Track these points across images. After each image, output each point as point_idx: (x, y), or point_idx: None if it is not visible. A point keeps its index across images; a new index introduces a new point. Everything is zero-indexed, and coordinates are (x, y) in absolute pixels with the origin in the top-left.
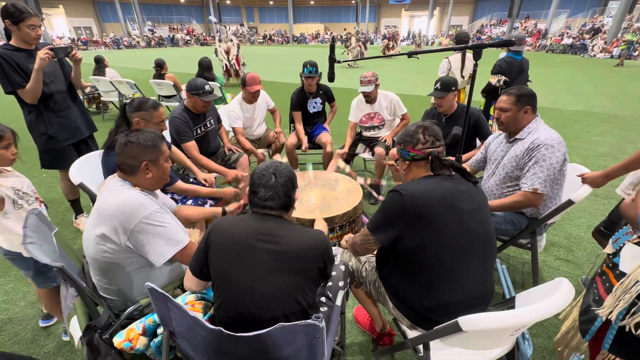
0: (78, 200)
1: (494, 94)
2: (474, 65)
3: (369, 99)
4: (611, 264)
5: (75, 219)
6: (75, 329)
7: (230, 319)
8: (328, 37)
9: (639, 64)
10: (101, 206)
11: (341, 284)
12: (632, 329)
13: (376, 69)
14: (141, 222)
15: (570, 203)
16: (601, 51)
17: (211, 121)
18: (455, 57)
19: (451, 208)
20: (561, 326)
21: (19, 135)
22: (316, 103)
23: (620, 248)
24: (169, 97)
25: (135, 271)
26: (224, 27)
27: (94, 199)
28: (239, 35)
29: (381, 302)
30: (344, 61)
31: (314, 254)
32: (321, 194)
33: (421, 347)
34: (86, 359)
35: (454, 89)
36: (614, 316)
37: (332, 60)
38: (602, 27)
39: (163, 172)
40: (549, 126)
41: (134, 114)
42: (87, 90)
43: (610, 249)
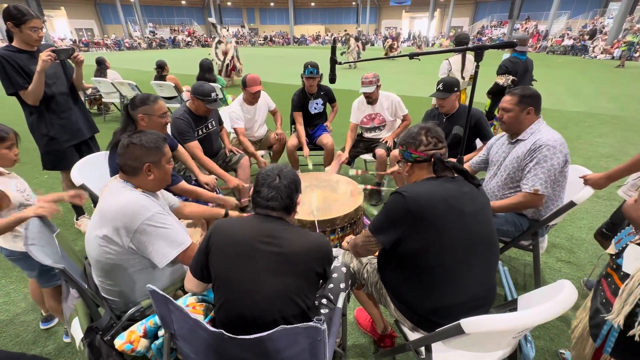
0: None
1: (501, 94)
2: (476, 67)
3: (370, 100)
4: (615, 266)
5: (77, 220)
6: (77, 330)
7: (231, 321)
8: (329, 38)
9: (639, 65)
10: (103, 208)
11: (342, 285)
12: (638, 338)
13: (377, 70)
14: (144, 223)
15: (572, 204)
16: (602, 52)
17: (213, 122)
18: (455, 59)
19: (453, 210)
20: (574, 332)
21: (20, 137)
22: (317, 104)
23: (623, 249)
24: (170, 98)
25: (137, 272)
26: (224, 28)
27: (95, 200)
28: (239, 37)
29: (382, 304)
30: (344, 62)
31: (315, 257)
32: (322, 195)
33: (423, 349)
34: None
35: (456, 89)
36: (621, 320)
37: (333, 62)
38: (603, 28)
39: (165, 174)
40: (551, 127)
41: (137, 110)
42: (89, 91)
43: (613, 249)
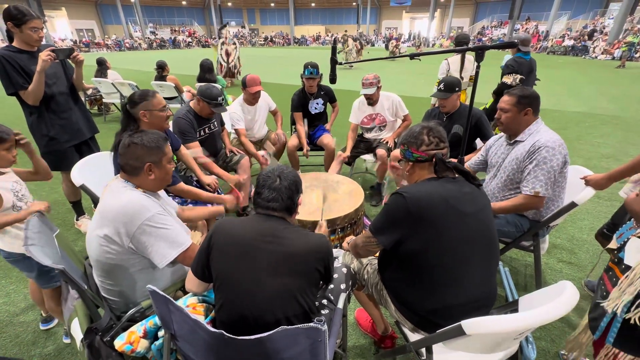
0: (79, 201)
1: None
2: (477, 67)
3: (370, 101)
4: (616, 259)
5: (77, 220)
6: (77, 331)
7: (231, 321)
8: (329, 38)
9: None
10: (104, 208)
11: (343, 286)
12: (637, 322)
13: (377, 70)
14: (144, 224)
15: (573, 205)
16: (602, 53)
17: (215, 123)
18: (454, 59)
19: (454, 211)
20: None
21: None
22: (317, 104)
23: (625, 243)
24: (170, 98)
25: (137, 272)
26: (229, 29)
27: (95, 200)
28: (239, 37)
29: (383, 304)
30: (345, 63)
31: (316, 256)
32: (323, 195)
33: (424, 350)
34: None
35: (457, 89)
36: (619, 309)
37: (334, 62)
38: (603, 28)
39: (166, 174)
40: (549, 128)
41: (137, 108)
42: (89, 92)
43: (614, 244)
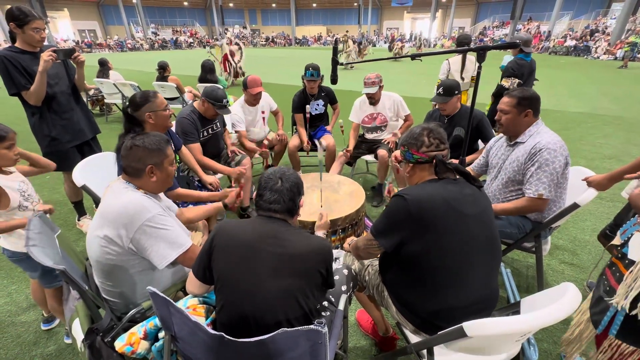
0: (81, 202)
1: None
2: (478, 68)
3: (372, 100)
4: (620, 255)
5: (78, 220)
6: (78, 331)
7: (232, 322)
8: (330, 39)
9: None
10: (105, 209)
11: (344, 288)
12: None
13: (379, 71)
14: (144, 224)
15: (575, 206)
16: (605, 53)
17: (217, 124)
18: (455, 59)
19: (455, 212)
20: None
21: (18, 136)
22: (318, 105)
23: (629, 239)
24: (171, 99)
25: (138, 273)
26: (228, 30)
27: (97, 200)
28: (241, 38)
29: (384, 306)
30: (346, 63)
31: (317, 258)
32: (324, 196)
33: (425, 351)
34: None
35: (456, 92)
36: (627, 304)
37: (335, 63)
38: (606, 28)
39: (167, 176)
40: (550, 129)
41: (141, 110)
42: (91, 92)
43: (618, 240)
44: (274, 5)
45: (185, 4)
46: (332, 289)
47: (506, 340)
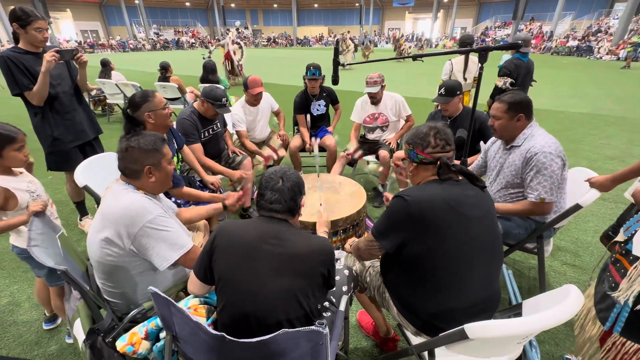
0: (83, 202)
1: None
2: (480, 69)
3: (374, 100)
4: (624, 251)
5: (80, 220)
6: (79, 331)
7: (233, 322)
8: (332, 39)
9: None
10: (105, 210)
11: (345, 288)
12: None
13: (381, 71)
14: (145, 226)
15: (577, 207)
16: (607, 53)
17: (218, 124)
18: (457, 60)
19: (456, 214)
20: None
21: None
22: (320, 105)
23: (633, 235)
24: (173, 99)
25: (139, 274)
26: (235, 30)
27: (98, 201)
28: (243, 38)
29: (385, 307)
30: (348, 64)
31: (318, 258)
32: (325, 197)
33: (426, 353)
34: None
35: (458, 93)
36: (630, 299)
37: (336, 64)
38: (608, 29)
39: (166, 175)
40: (546, 130)
41: (140, 110)
42: (93, 92)
43: (622, 236)
44: (275, 5)
45: (187, 4)
46: (333, 289)
47: (508, 343)
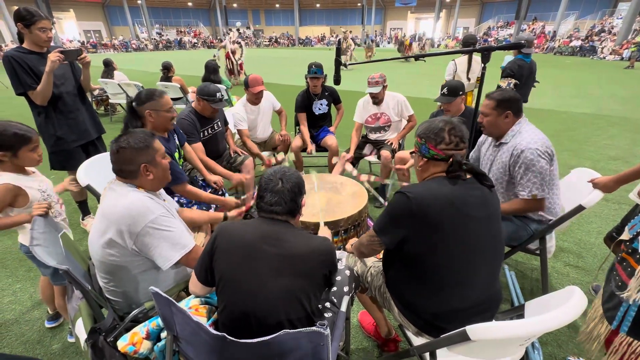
0: (85, 201)
1: None
2: (482, 69)
3: (376, 100)
4: (630, 250)
5: (83, 220)
6: (81, 330)
7: (233, 323)
8: (334, 39)
9: None
10: (107, 210)
11: (346, 289)
12: None
13: (383, 71)
14: (147, 226)
15: (581, 209)
16: (611, 53)
17: (218, 123)
18: (461, 60)
19: (459, 213)
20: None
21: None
22: (321, 105)
23: (638, 234)
24: (175, 99)
25: (141, 274)
26: (237, 30)
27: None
28: (245, 38)
29: (386, 307)
30: (350, 64)
31: (319, 259)
32: (326, 197)
33: (427, 354)
34: None
35: (461, 93)
36: (639, 298)
37: (339, 63)
38: (612, 28)
39: (163, 170)
40: (535, 126)
41: (143, 106)
42: (96, 92)
43: (627, 235)
44: (277, 5)
45: (190, 4)
46: (335, 290)
47: (510, 344)
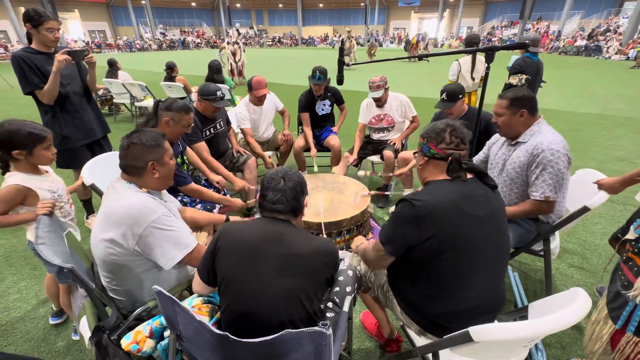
0: (90, 200)
1: None
2: (486, 68)
3: (379, 102)
4: (636, 249)
5: (87, 218)
6: (85, 328)
7: (236, 323)
8: (337, 39)
9: None
10: (109, 210)
11: (349, 289)
12: None
13: (383, 72)
14: (150, 226)
15: (585, 210)
16: (616, 53)
17: (220, 123)
18: (465, 60)
19: (464, 215)
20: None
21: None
22: (324, 105)
23: None
24: (179, 99)
25: (144, 272)
26: (236, 30)
27: None
28: (248, 38)
29: (389, 307)
30: (353, 64)
31: (322, 260)
32: (329, 197)
33: (430, 355)
34: (95, 359)
35: (460, 96)
36: None
37: (341, 64)
38: (618, 28)
39: (169, 170)
40: (553, 128)
41: (165, 112)
42: (100, 92)
43: (632, 234)
44: (280, 5)
45: (193, 4)
46: (337, 290)
47: (514, 346)
